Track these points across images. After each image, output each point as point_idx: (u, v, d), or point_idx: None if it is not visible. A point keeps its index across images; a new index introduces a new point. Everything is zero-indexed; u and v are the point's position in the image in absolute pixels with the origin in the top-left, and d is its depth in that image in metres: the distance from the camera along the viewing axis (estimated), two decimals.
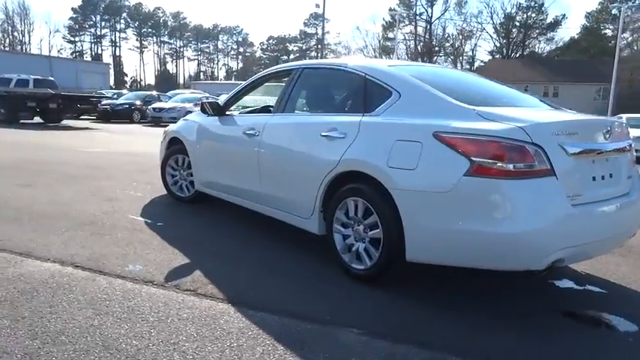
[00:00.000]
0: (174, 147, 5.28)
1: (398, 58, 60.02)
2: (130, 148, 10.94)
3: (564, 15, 60.49)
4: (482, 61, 62.64)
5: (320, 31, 70.22)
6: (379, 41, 65.08)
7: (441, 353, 2.31)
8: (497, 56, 61.43)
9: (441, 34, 62.57)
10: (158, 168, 5.52)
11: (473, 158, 2.52)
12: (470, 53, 63.59)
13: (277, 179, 3.81)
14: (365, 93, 3.32)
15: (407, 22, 56.20)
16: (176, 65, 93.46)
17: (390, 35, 62.84)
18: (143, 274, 3.12)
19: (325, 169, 3.27)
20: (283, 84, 4.20)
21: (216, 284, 3.01)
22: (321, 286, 3.10)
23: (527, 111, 3.08)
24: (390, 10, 60.34)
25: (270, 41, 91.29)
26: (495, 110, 2.81)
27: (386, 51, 64.26)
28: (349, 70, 3.55)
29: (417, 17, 55.95)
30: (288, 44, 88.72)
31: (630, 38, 54.85)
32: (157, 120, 20.05)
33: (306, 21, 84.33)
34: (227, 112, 4.61)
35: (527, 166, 2.47)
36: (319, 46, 71.28)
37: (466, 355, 2.30)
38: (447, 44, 63.26)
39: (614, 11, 56.12)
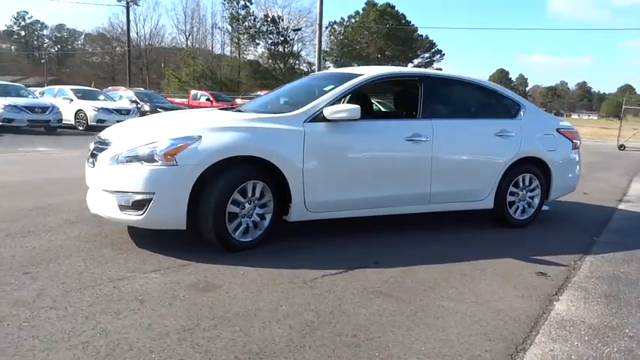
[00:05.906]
0: (236, 173, 3.46)
1: None
2: None
3: None
4: None
5: None
6: None
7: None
8: None
9: None
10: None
11: (573, 141, 5.12)
12: None
13: (454, 177, 4.39)
14: (503, 103, 4.86)
15: None
16: None
17: None
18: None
19: (506, 159, 4.61)
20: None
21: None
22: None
23: None
24: None
25: None
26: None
27: None
28: (483, 86, 4.88)
29: None
30: None
31: None
32: None
33: None
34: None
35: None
36: None
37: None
38: None
39: None
